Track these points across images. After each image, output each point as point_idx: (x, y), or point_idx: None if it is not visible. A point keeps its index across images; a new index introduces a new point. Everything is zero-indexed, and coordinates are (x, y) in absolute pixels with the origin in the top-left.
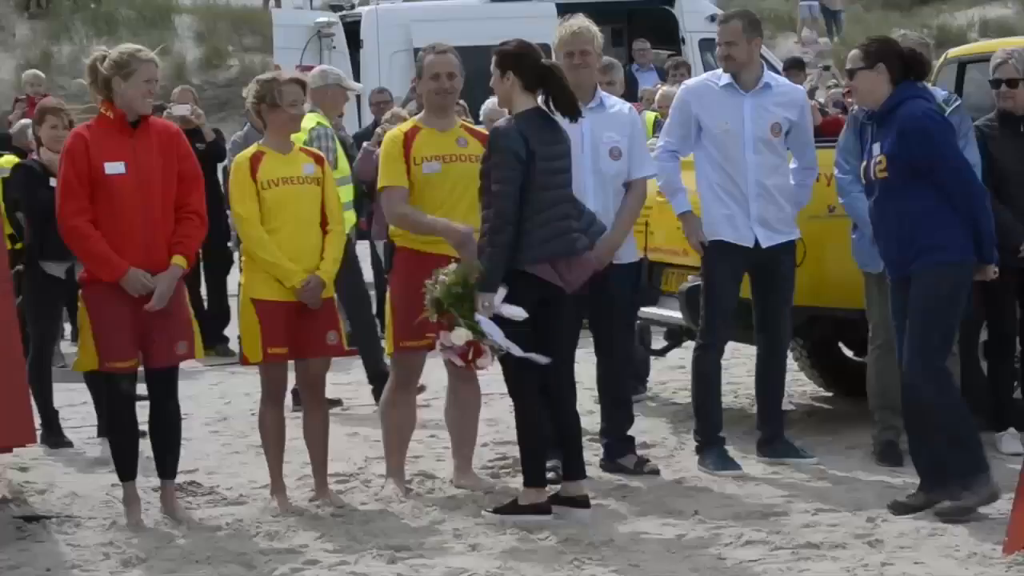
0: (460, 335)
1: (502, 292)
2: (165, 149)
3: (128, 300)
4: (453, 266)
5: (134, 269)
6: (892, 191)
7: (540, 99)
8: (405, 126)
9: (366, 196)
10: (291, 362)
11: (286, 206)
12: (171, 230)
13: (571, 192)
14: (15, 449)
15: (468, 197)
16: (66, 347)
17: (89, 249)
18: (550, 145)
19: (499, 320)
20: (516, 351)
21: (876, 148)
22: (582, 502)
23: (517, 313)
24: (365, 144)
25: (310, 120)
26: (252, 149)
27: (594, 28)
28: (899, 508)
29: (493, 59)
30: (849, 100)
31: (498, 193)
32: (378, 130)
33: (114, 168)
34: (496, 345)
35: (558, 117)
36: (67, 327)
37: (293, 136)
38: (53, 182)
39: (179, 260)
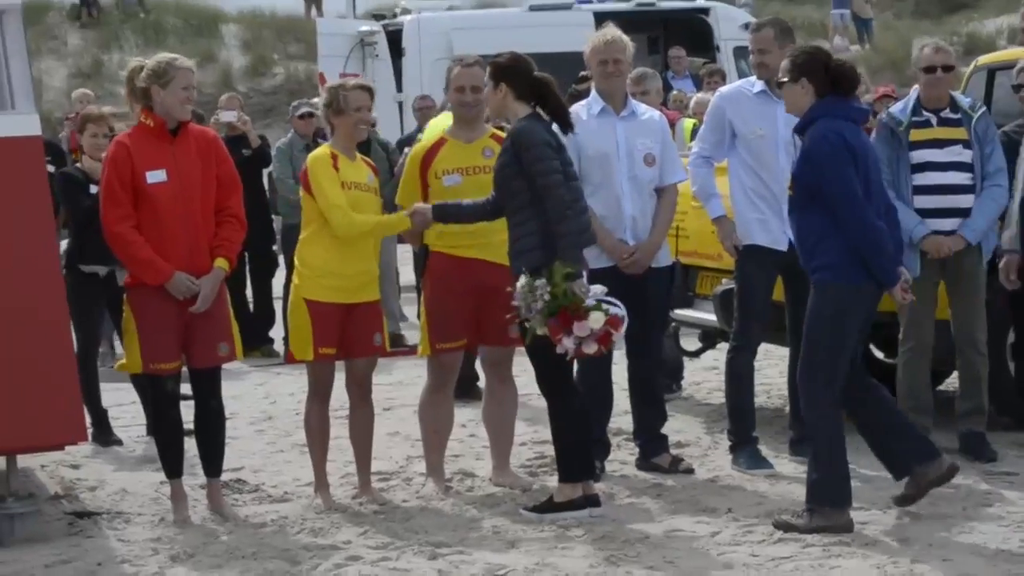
0: (597, 317)
1: (584, 275)
2: (204, 154)
3: (171, 302)
4: (524, 277)
5: (179, 272)
6: (794, 208)
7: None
8: (431, 139)
9: None
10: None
11: (355, 209)
12: (212, 234)
13: None
14: (67, 447)
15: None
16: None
17: (134, 254)
18: (560, 140)
19: None
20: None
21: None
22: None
23: (601, 290)
24: (407, 149)
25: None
26: (326, 150)
27: (626, 38)
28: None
29: (487, 71)
30: (879, 106)
31: (548, 185)
32: (419, 136)
33: (156, 177)
34: (619, 313)
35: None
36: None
37: None
38: (94, 189)
39: (221, 263)
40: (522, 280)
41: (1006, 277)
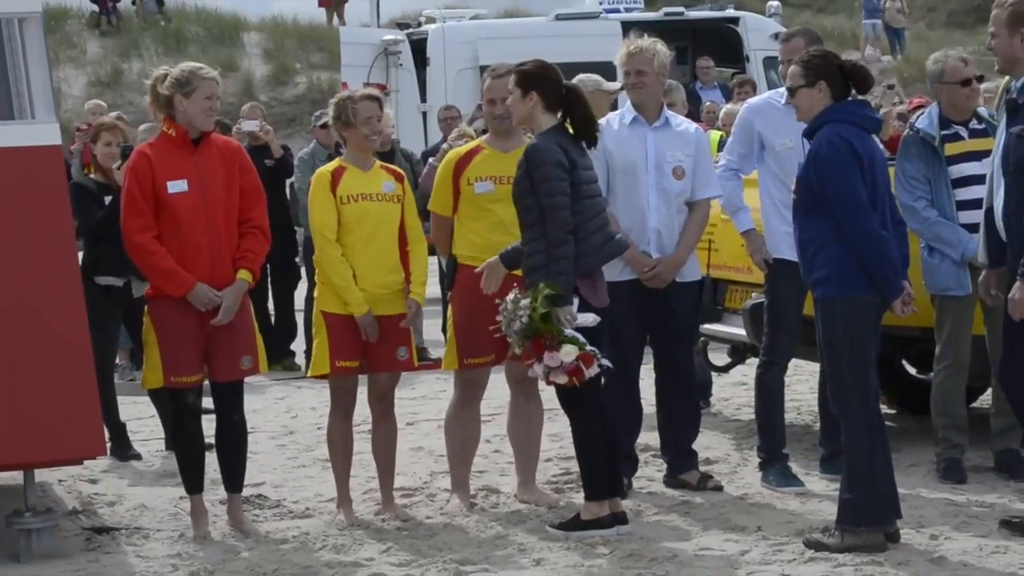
0: (569, 351)
1: (576, 302)
2: (227, 165)
3: (193, 315)
4: (515, 291)
5: (201, 284)
6: (797, 214)
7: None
8: (467, 147)
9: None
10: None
11: (363, 222)
12: (235, 245)
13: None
14: (85, 461)
15: None
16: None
17: (155, 264)
18: (582, 156)
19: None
20: (600, 354)
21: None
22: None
23: (591, 320)
24: (431, 160)
25: None
26: (334, 164)
27: (656, 47)
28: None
29: (512, 78)
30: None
31: (552, 206)
32: (444, 146)
33: (177, 187)
34: (595, 351)
35: None
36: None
37: None
38: (107, 200)
39: (244, 275)
40: (511, 295)
41: (986, 292)
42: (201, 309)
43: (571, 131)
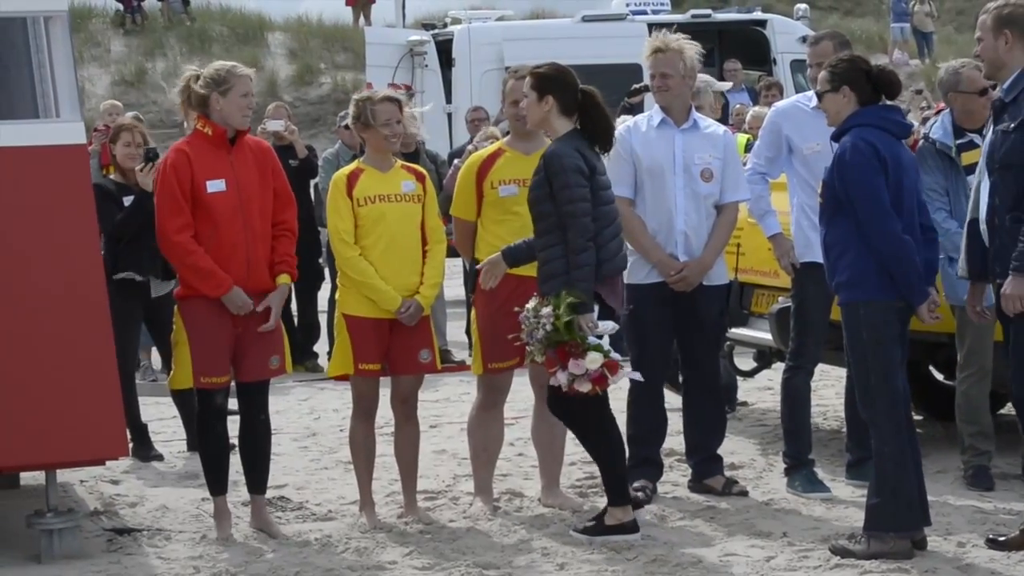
0: (594, 359)
1: (596, 310)
2: (260, 165)
3: (224, 315)
4: (535, 300)
5: (236, 287)
6: (823, 217)
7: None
8: (488, 150)
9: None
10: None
11: (381, 223)
12: (269, 247)
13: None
14: (107, 462)
15: None
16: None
17: (194, 264)
18: (599, 161)
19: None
20: (625, 360)
21: None
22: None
23: (611, 328)
24: (456, 161)
25: None
26: (352, 166)
27: (683, 49)
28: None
29: (528, 80)
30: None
31: (573, 213)
32: (469, 147)
33: (216, 186)
34: (619, 359)
35: None
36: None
37: None
38: (126, 200)
39: (285, 279)
40: (531, 304)
41: (972, 309)
42: (234, 312)
43: (584, 137)
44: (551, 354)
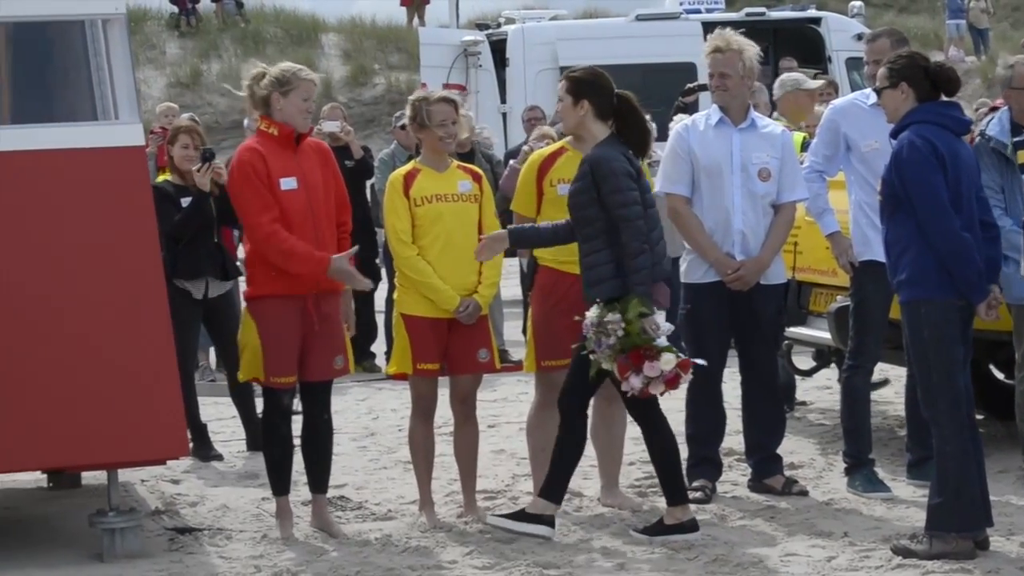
0: (669, 359)
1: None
2: (323, 166)
3: (295, 316)
4: (596, 309)
5: (336, 256)
6: (883, 214)
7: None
8: (550, 148)
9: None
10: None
11: (438, 223)
12: (334, 247)
13: None
14: (167, 461)
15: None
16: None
17: (291, 250)
18: (638, 165)
19: None
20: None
21: None
22: (547, 520)
23: (669, 328)
24: (512, 162)
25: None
26: (408, 166)
27: (742, 49)
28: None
29: (563, 84)
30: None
31: (627, 216)
32: (525, 148)
33: (288, 183)
34: (688, 357)
35: None
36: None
37: None
38: (184, 202)
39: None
40: (593, 312)
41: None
42: (342, 281)
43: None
44: (623, 360)
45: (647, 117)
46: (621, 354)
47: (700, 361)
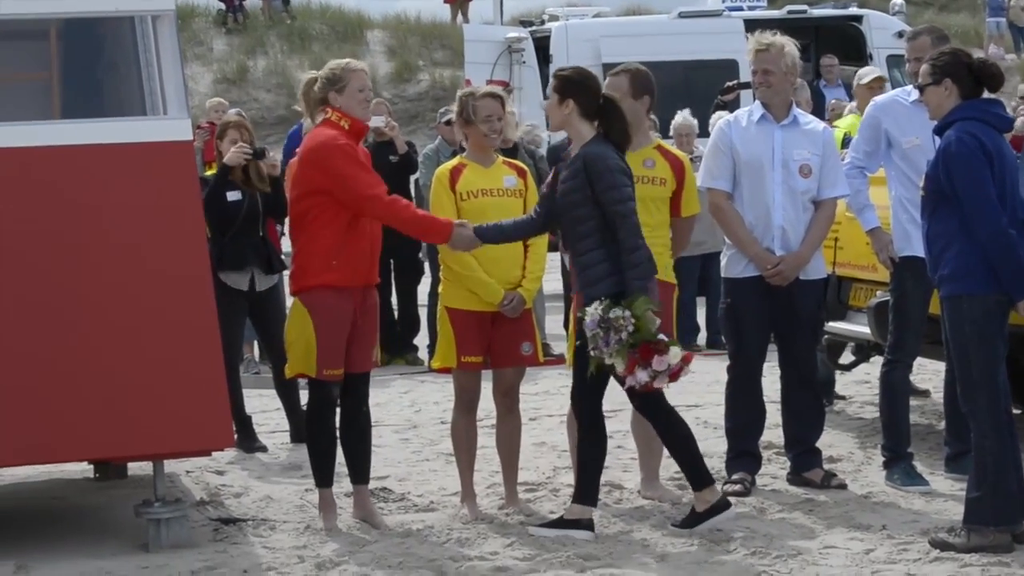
0: (676, 353)
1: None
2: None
3: (347, 309)
4: (598, 306)
5: (457, 226)
6: (925, 210)
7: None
8: None
9: None
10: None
11: (484, 218)
12: (380, 244)
13: None
14: (212, 453)
15: (652, 219)
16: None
17: (413, 215)
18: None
19: None
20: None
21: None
22: (586, 524)
23: (658, 323)
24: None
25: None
26: (454, 161)
27: (784, 46)
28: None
29: (551, 84)
30: None
31: (623, 212)
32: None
33: None
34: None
35: None
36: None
37: None
38: (231, 195)
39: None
40: (596, 308)
41: None
42: (463, 250)
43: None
44: (632, 355)
45: (653, 118)
46: (631, 349)
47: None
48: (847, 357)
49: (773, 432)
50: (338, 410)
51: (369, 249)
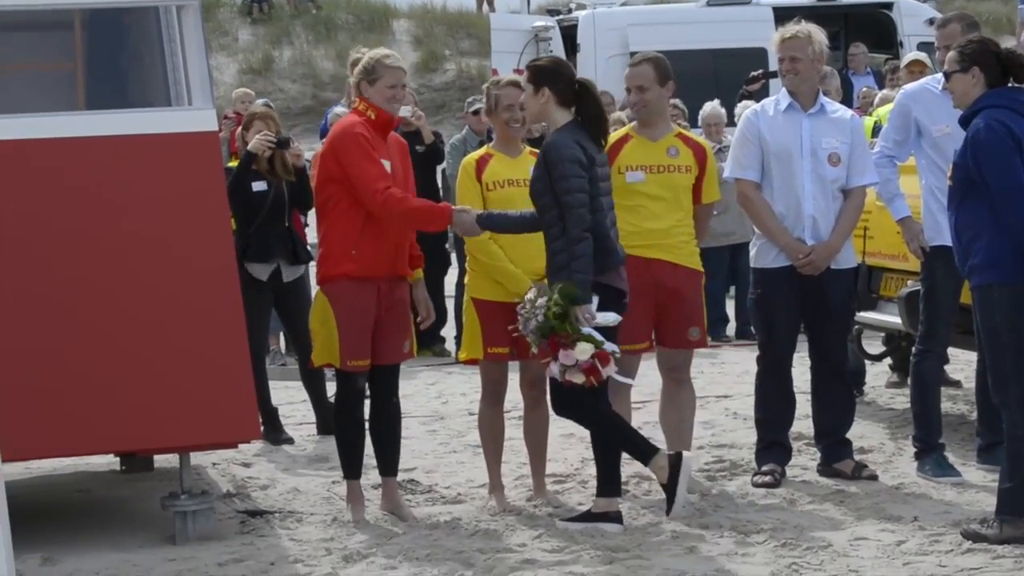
0: (584, 349)
1: (595, 301)
2: (402, 155)
3: (371, 300)
4: (534, 290)
5: (455, 209)
6: (953, 200)
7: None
8: (616, 135)
9: None
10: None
11: (509, 207)
12: (407, 236)
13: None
14: (239, 445)
15: (679, 208)
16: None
17: (410, 207)
18: (599, 152)
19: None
20: (618, 354)
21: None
22: (614, 517)
23: (612, 319)
24: None
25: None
26: (481, 151)
27: (810, 32)
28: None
29: (525, 75)
30: None
31: (570, 203)
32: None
33: (384, 166)
34: (614, 350)
35: None
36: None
37: None
38: (256, 186)
39: (420, 273)
40: (530, 294)
41: None
42: (464, 233)
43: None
44: (544, 345)
45: (681, 107)
46: (543, 339)
47: (624, 380)
48: (876, 347)
49: (803, 423)
50: (367, 402)
51: (394, 240)
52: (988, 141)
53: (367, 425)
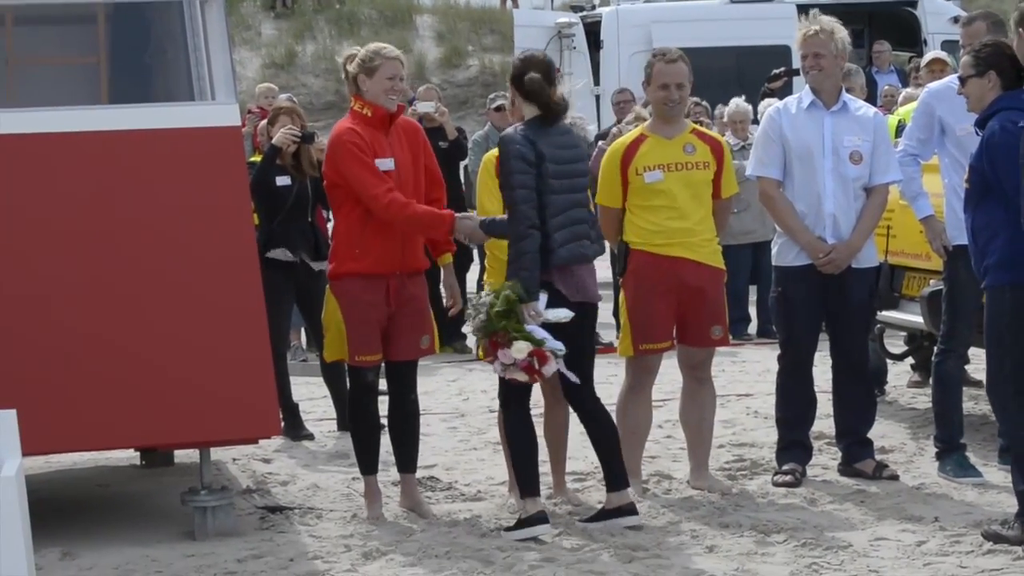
0: (520, 348)
1: (543, 298)
2: (413, 145)
3: (379, 294)
4: (486, 289)
5: (458, 216)
6: (969, 202)
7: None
8: (630, 136)
9: None
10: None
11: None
12: None
13: (586, 197)
14: (259, 441)
15: (700, 205)
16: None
17: (414, 213)
18: (561, 148)
19: (545, 327)
20: (562, 352)
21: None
22: (628, 509)
23: (563, 315)
24: (600, 143)
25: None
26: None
27: (833, 28)
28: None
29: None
30: None
31: (512, 200)
32: (614, 130)
33: (385, 164)
34: (555, 349)
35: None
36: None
37: None
38: (280, 181)
39: (448, 258)
40: (481, 293)
41: None
42: (465, 240)
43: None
44: (486, 343)
45: (704, 104)
46: (486, 337)
47: (571, 377)
48: (898, 346)
49: (824, 422)
50: (386, 398)
51: (400, 237)
52: (1003, 143)
53: (386, 422)
